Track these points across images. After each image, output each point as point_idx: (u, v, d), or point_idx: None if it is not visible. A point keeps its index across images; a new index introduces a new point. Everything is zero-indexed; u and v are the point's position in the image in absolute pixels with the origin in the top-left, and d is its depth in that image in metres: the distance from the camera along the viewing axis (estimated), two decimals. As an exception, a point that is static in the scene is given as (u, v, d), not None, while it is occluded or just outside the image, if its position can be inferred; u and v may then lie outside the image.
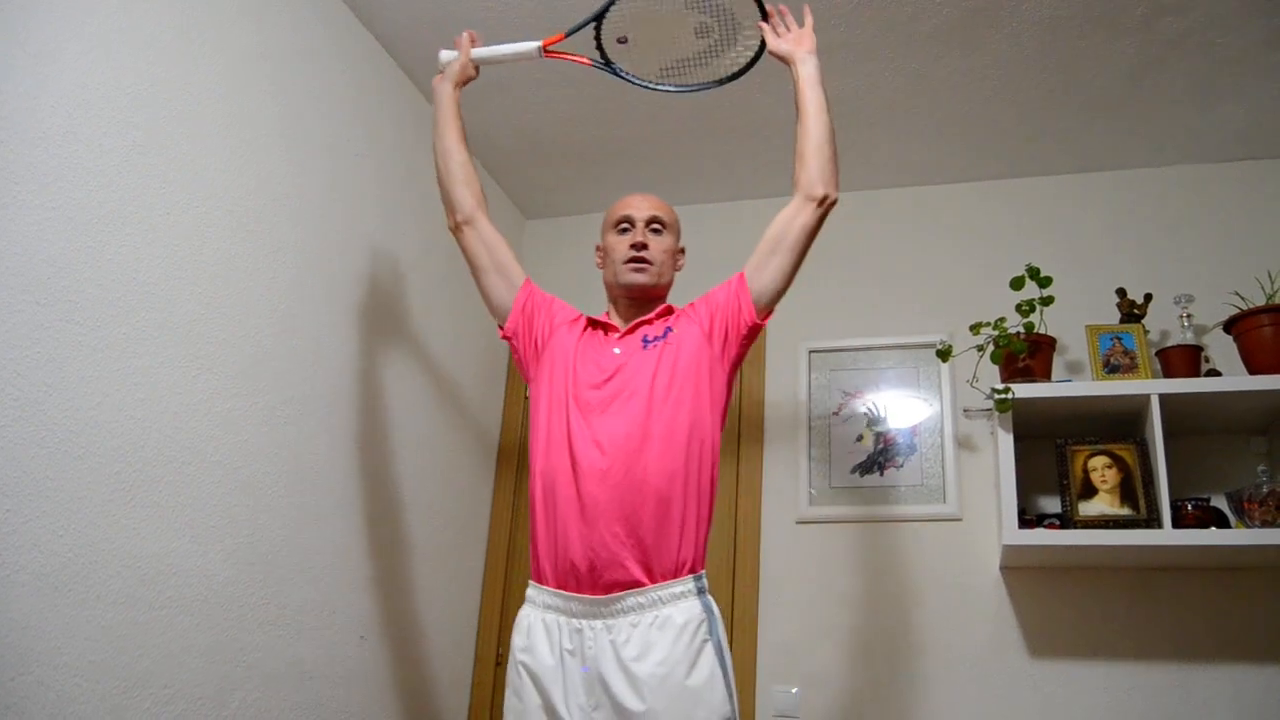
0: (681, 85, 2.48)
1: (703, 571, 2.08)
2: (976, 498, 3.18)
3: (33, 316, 1.84)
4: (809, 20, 2.35)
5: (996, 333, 2.98)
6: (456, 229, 2.40)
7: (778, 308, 2.35)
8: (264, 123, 2.51)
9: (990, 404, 2.97)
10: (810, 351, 3.51)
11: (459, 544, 3.37)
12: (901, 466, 3.30)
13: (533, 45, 2.43)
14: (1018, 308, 2.99)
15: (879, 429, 3.37)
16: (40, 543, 1.82)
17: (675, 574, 2.02)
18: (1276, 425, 2.98)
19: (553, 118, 3.33)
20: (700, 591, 2.04)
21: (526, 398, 3.72)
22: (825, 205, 2.23)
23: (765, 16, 2.36)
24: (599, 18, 2.41)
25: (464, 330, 3.47)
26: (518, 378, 3.77)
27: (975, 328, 3.04)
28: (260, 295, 2.46)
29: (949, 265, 3.50)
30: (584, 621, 2.02)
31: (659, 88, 2.48)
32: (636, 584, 2.00)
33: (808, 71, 2.27)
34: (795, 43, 2.31)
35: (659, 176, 3.67)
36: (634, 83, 2.49)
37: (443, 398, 3.30)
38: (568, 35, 2.41)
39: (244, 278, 2.40)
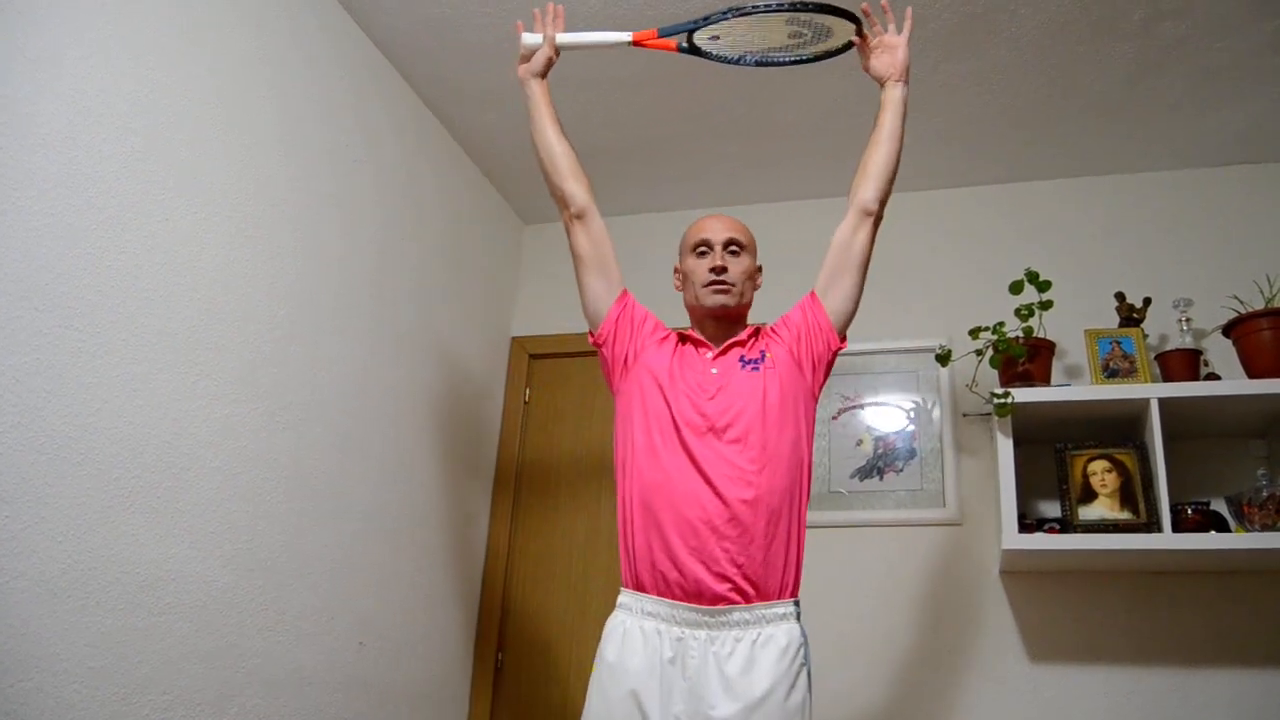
0: (767, 57, 2.44)
1: (799, 597, 2.11)
2: (976, 502, 3.18)
3: (32, 322, 1.84)
4: (905, 48, 2.36)
5: (996, 337, 2.98)
6: (570, 222, 2.37)
7: (777, 310, 2.36)
8: (263, 129, 2.51)
9: (990, 408, 2.97)
10: (809, 356, 3.50)
11: (458, 551, 3.36)
12: (901, 471, 3.30)
13: (624, 36, 2.40)
14: (1017, 312, 2.99)
15: (879, 434, 3.37)
16: (39, 549, 1.82)
17: (779, 595, 2.06)
18: (1276, 429, 2.98)
19: (552, 123, 3.32)
20: (798, 616, 2.08)
21: (527, 403, 3.74)
22: (878, 221, 2.33)
23: (860, 34, 2.38)
24: (695, 28, 2.39)
25: (464, 338, 3.47)
26: (517, 386, 3.77)
27: (974, 332, 3.04)
28: (259, 301, 2.46)
29: (948, 270, 3.50)
30: (687, 630, 2.03)
31: (746, 61, 2.44)
32: (742, 600, 2.03)
33: (898, 95, 2.34)
34: (890, 66, 2.36)
35: (660, 181, 3.68)
36: (722, 59, 2.45)
37: (442, 404, 3.30)
38: (660, 35, 2.40)
39: (243, 284, 2.40)
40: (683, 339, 2.34)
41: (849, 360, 3.47)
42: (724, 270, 2.31)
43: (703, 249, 2.35)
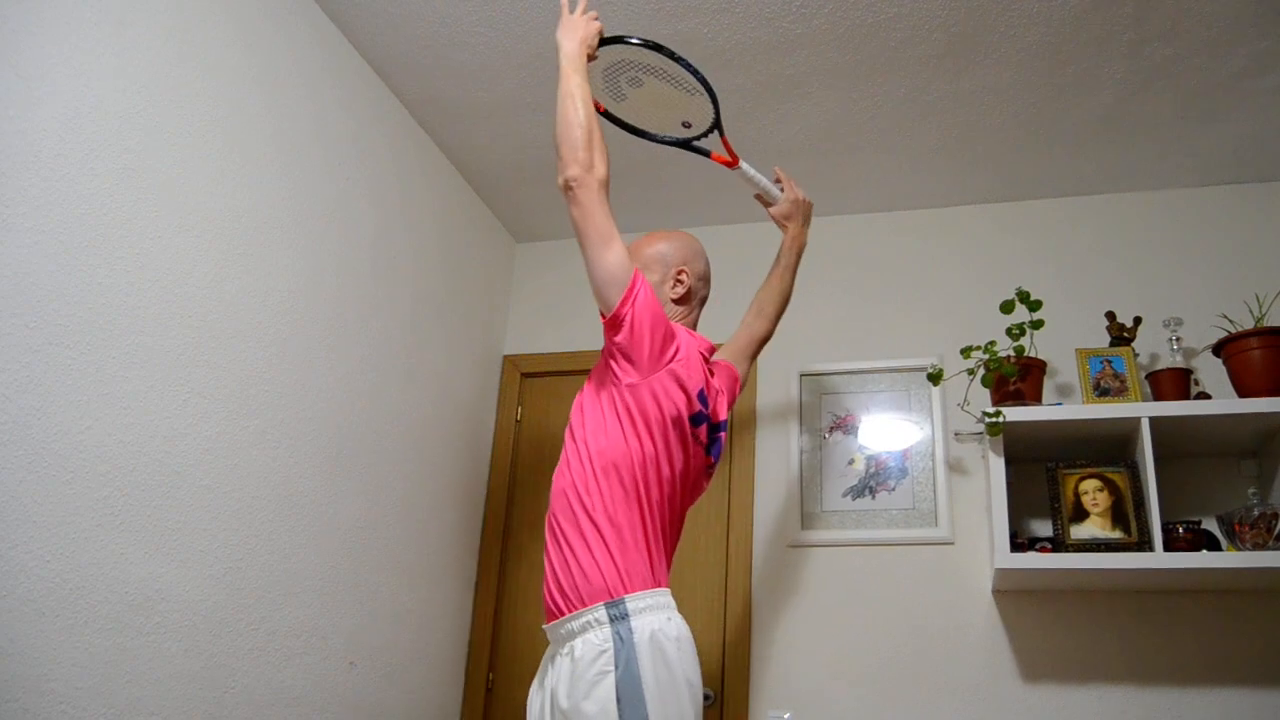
0: (650, 132, 2.54)
1: (626, 595, 1.98)
2: (968, 521, 3.18)
3: (22, 340, 1.83)
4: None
5: (987, 356, 2.99)
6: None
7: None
8: (256, 146, 2.51)
9: (981, 427, 2.97)
10: (801, 375, 3.51)
11: (449, 570, 3.35)
12: (893, 490, 3.30)
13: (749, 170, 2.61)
14: (1008, 331, 2.99)
15: (870, 453, 3.37)
16: (27, 567, 1.81)
17: (586, 601, 1.99)
18: (1266, 447, 2.99)
19: (543, 140, 3.33)
20: (616, 619, 1.96)
21: (518, 422, 3.74)
22: (568, 192, 2.12)
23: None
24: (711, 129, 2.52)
25: (456, 357, 3.46)
26: (509, 405, 3.76)
27: (966, 351, 3.05)
28: (251, 319, 2.45)
29: (939, 288, 3.51)
30: (551, 650, 2.09)
31: (663, 138, 2.56)
32: (560, 613, 2.02)
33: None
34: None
35: (650, 199, 3.68)
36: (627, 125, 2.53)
37: (434, 423, 3.29)
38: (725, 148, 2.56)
39: (234, 301, 2.40)
40: None
41: (841, 379, 3.48)
42: None
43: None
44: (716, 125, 2.49)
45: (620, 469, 2.06)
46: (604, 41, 2.31)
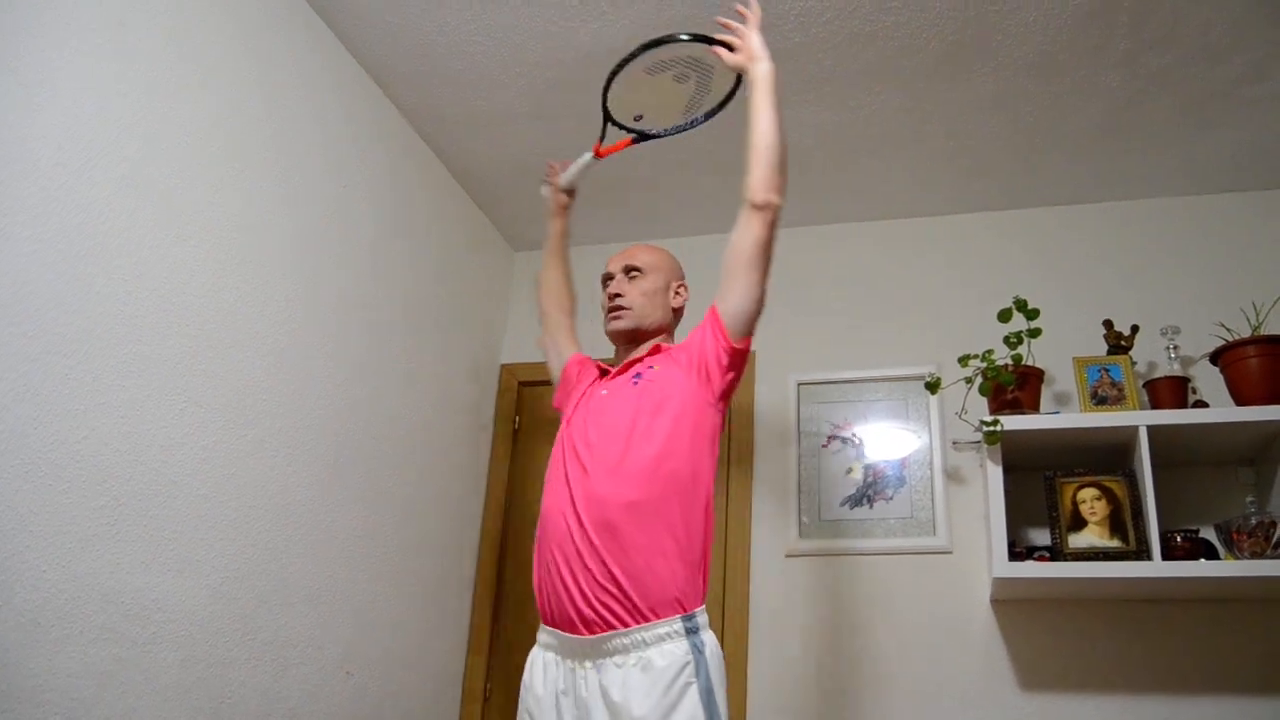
0: (693, 118, 2.55)
1: (696, 610, 2.03)
2: (966, 530, 3.18)
3: (19, 348, 1.82)
4: (753, 33, 2.29)
5: (985, 365, 2.99)
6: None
7: (766, 339, 2.34)
8: (254, 155, 2.51)
9: (979, 436, 2.97)
10: (799, 384, 3.51)
11: (447, 579, 3.34)
12: (891, 499, 3.29)
13: (588, 155, 2.59)
14: (1006, 340, 3.00)
15: (868, 462, 3.37)
16: (23, 577, 1.80)
17: (662, 613, 1.98)
18: (1264, 456, 2.99)
19: (541, 150, 3.33)
20: (691, 631, 1.99)
21: (516, 430, 3.73)
22: (769, 211, 2.17)
23: (714, 43, 2.34)
24: (607, 118, 2.53)
25: (453, 365, 3.46)
26: (507, 413, 3.76)
27: (964, 360, 3.05)
28: (248, 328, 2.45)
29: (937, 297, 3.51)
30: (575, 662, 2.02)
31: (691, 124, 2.55)
32: (620, 624, 1.98)
33: (757, 74, 2.24)
34: (742, 52, 2.28)
35: (647, 209, 3.68)
36: (672, 133, 2.57)
37: (431, 432, 3.28)
38: (602, 140, 2.55)
39: (232, 310, 2.39)
40: (603, 372, 2.40)
41: (838, 388, 3.48)
42: (619, 295, 2.38)
43: (606, 280, 2.45)
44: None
45: (699, 486, 2.13)
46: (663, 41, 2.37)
